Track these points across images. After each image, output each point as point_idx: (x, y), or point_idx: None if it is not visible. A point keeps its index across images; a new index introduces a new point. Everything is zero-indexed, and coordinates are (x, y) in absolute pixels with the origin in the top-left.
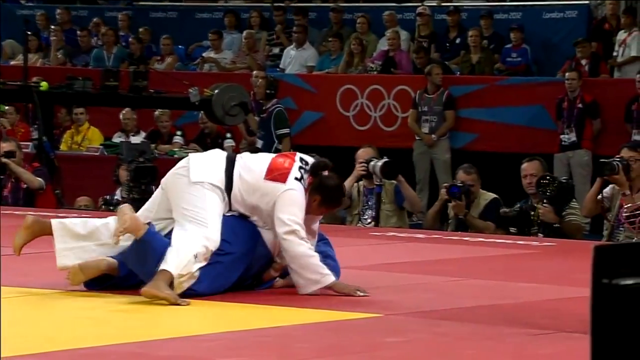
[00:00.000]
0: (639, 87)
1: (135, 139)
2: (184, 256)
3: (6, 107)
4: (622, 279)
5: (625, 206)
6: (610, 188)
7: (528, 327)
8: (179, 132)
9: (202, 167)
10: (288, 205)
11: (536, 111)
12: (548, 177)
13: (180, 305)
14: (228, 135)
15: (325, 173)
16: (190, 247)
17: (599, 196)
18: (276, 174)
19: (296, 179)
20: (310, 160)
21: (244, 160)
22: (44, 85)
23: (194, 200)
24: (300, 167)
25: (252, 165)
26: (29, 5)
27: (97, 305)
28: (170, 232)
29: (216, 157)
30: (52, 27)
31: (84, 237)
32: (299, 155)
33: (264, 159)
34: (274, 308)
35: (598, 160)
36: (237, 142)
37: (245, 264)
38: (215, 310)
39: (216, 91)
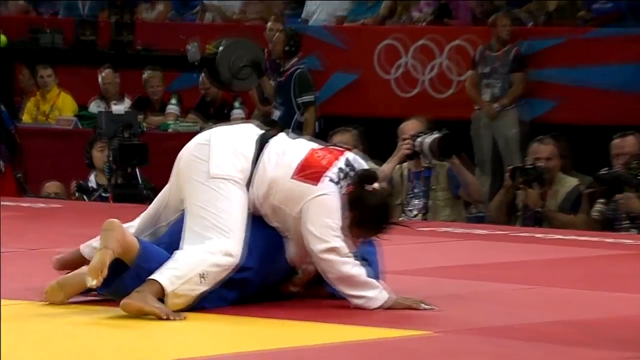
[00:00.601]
0: None
1: (118, 108)
2: (187, 272)
3: None
4: None
5: None
6: None
7: (618, 349)
8: (173, 100)
9: (228, 152)
10: (321, 214)
11: (632, 71)
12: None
13: (171, 320)
14: (236, 103)
15: (373, 187)
16: (198, 263)
17: None
18: (308, 173)
19: (332, 181)
20: (360, 164)
21: (276, 145)
22: (2, 40)
23: (215, 197)
24: (342, 170)
25: (283, 156)
26: None
27: (79, 320)
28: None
29: (246, 139)
30: None
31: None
32: (348, 154)
33: (300, 150)
34: (302, 324)
35: None
36: (248, 112)
37: (257, 285)
38: (226, 326)
39: (221, 48)
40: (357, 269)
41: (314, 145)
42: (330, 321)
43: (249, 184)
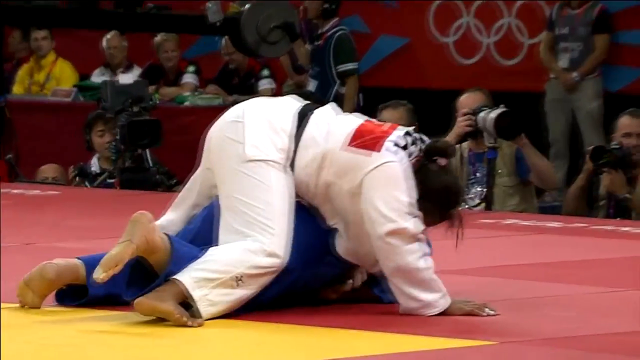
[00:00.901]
0: None
1: (126, 78)
2: (219, 274)
3: None
4: None
5: None
6: None
7: None
8: (191, 68)
9: (265, 128)
10: (387, 186)
11: None
12: None
13: (188, 326)
14: (265, 72)
15: (443, 163)
16: (234, 264)
17: None
18: (367, 139)
19: (397, 146)
20: (426, 138)
21: (321, 117)
22: None
23: (255, 186)
24: (409, 134)
25: (332, 126)
26: None
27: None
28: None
29: (284, 113)
30: None
31: None
32: (405, 129)
33: (350, 121)
34: (348, 332)
35: None
36: (278, 82)
37: (298, 288)
38: (259, 334)
39: (247, 6)
40: (424, 262)
41: (363, 118)
42: (379, 330)
43: (292, 163)
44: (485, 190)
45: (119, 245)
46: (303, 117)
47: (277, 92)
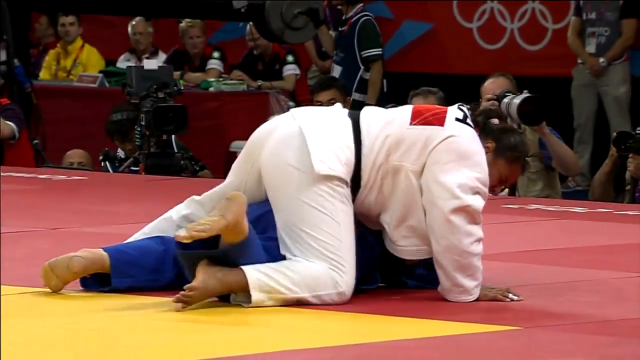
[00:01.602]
0: None
1: (151, 64)
2: (285, 289)
3: None
4: None
5: None
6: None
7: None
8: (216, 54)
9: (328, 143)
10: (455, 160)
11: None
12: None
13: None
14: (289, 58)
15: (497, 121)
16: (304, 287)
17: None
18: (428, 115)
19: (458, 120)
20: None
21: (372, 113)
22: None
23: (321, 221)
24: (461, 108)
25: (386, 116)
26: None
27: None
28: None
29: (339, 123)
30: None
31: None
32: (455, 106)
33: (401, 109)
34: (378, 318)
35: None
36: (302, 68)
37: None
38: (299, 320)
39: None
40: (477, 247)
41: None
42: (406, 315)
43: (357, 175)
44: None
45: (211, 218)
46: (355, 125)
47: (302, 78)
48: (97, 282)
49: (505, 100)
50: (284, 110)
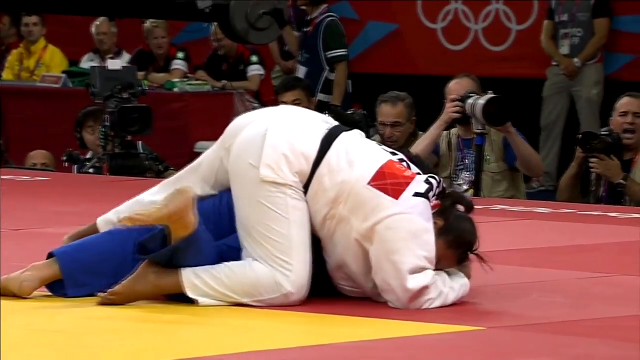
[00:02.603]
0: None
1: (115, 64)
2: (221, 296)
3: None
4: None
5: None
6: None
7: None
8: (180, 54)
9: (284, 151)
10: (407, 239)
11: None
12: None
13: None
14: (254, 58)
15: (463, 210)
16: (243, 293)
17: None
18: (389, 183)
19: (417, 195)
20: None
21: (347, 143)
22: None
23: (273, 219)
24: (429, 180)
25: (356, 156)
26: None
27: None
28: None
29: (310, 135)
30: None
31: None
32: (425, 176)
33: (375, 156)
34: (339, 318)
35: None
36: (267, 69)
37: None
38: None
39: None
40: (453, 295)
41: (389, 154)
42: (369, 316)
43: (306, 187)
44: (473, 176)
45: (155, 206)
46: (327, 142)
47: (266, 79)
48: (60, 286)
49: (470, 101)
50: (249, 111)
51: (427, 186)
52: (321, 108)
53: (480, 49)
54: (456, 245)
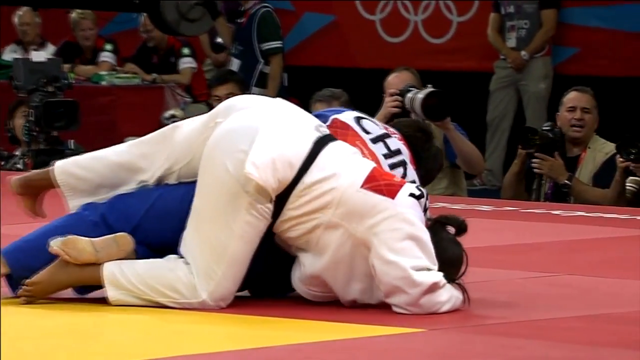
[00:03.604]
0: None
1: (39, 56)
2: (140, 292)
3: None
4: None
5: None
6: None
7: None
8: (108, 46)
9: (273, 153)
10: (407, 239)
11: None
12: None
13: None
14: (185, 50)
15: (452, 231)
16: (159, 292)
17: None
18: (383, 184)
19: (412, 196)
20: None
21: (335, 151)
22: None
23: (222, 225)
24: (420, 188)
25: (345, 163)
26: None
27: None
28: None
29: (299, 142)
30: None
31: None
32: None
33: (364, 162)
34: (281, 321)
35: None
36: (200, 61)
37: None
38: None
39: None
40: (458, 302)
41: (372, 163)
42: (312, 318)
43: (286, 194)
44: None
45: (87, 251)
46: (316, 150)
47: (198, 72)
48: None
49: (409, 95)
50: (179, 106)
51: (419, 192)
52: None
53: (420, 41)
54: (440, 270)
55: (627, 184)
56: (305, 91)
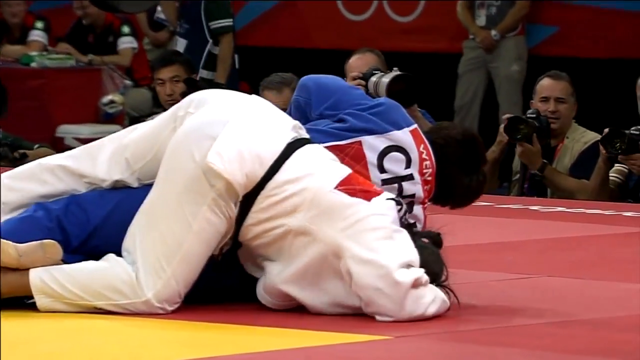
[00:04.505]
0: None
1: None
2: (73, 296)
3: None
4: None
5: None
6: None
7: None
8: (39, 24)
9: (241, 146)
10: (385, 238)
11: None
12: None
13: None
14: (125, 29)
15: (426, 242)
16: (97, 294)
17: None
18: (358, 188)
19: (390, 199)
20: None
21: (309, 153)
22: None
23: (178, 220)
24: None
25: (318, 165)
26: None
27: None
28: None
29: (272, 140)
30: None
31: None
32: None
33: (340, 166)
34: (245, 328)
35: None
36: (140, 40)
37: None
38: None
39: None
40: (444, 305)
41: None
42: (272, 325)
43: (254, 195)
44: None
45: (10, 254)
46: (289, 150)
47: (139, 52)
48: None
49: (373, 79)
50: (119, 90)
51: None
52: (204, 86)
53: (384, 19)
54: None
55: (611, 175)
56: (257, 74)
